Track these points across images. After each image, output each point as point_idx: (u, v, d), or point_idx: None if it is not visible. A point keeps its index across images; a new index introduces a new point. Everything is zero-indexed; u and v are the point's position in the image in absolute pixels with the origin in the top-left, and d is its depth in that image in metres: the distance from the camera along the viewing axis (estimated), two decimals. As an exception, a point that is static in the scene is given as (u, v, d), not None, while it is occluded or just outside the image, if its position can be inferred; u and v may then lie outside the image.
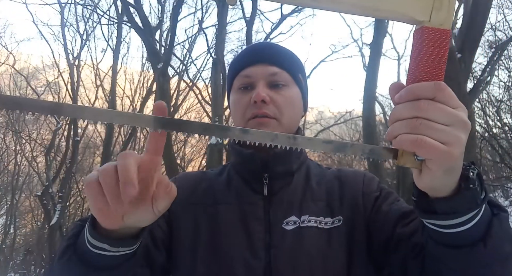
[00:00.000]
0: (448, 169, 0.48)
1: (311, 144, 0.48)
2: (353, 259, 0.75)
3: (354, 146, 0.49)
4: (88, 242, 0.56)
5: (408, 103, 0.47)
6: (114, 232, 0.54)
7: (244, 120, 0.81)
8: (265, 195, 0.79)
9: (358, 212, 0.78)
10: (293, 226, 0.76)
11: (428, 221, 0.56)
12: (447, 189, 0.51)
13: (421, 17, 0.46)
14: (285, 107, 0.81)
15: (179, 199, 0.83)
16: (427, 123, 0.46)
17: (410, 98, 0.47)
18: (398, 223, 0.72)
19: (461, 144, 0.47)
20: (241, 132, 0.47)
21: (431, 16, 0.46)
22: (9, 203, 14.28)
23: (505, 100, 9.05)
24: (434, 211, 0.53)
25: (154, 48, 7.39)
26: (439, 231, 0.55)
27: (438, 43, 0.46)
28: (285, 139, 0.48)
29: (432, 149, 0.46)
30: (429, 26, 0.46)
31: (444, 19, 0.46)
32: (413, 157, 0.48)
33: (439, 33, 0.46)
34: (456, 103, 0.47)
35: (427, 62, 0.46)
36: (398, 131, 0.48)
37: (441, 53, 0.46)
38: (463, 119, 0.47)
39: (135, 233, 0.56)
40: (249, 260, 0.73)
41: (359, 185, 0.82)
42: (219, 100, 7.02)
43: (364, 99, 6.19)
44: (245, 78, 0.83)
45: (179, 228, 0.80)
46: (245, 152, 0.81)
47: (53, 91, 12.98)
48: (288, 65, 0.84)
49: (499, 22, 8.69)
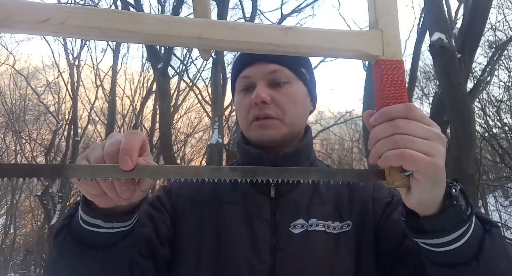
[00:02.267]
0: (435, 180, 0.50)
1: (302, 174, 0.51)
2: (361, 265, 0.73)
3: (342, 172, 0.53)
4: (81, 219, 0.56)
5: (385, 124, 0.50)
6: (107, 209, 0.54)
7: (247, 123, 0.80)
8: (272, 197, 0.77)
9: (368, 217, 0.77)
10: (300, 230, 0.74)
11: (420, 241, 0.57)
12: (434, 205, 0.53)
13: (375, 52, 0.53)
14: (288, 106, 0.78)
15: (186, 196, 0.84)
16: (407, 137, 0.48)
17: (385, 119, 0.50)
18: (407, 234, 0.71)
19: (443, 156, 0.49)
20: (231, 171, 0.49)
21: (383, 51, 0.53)
22: (9, 203, 14.27)
23: (505, 100, 9.05)
24: (424, 230, 0.54)
25: (154, 48, 7.38)
26: (432, 250, 0.56)
27: (395, 71, 0.52)
28: (276, 172, 0.50)
29: (418, 159, 0.47)
30: (384, 58, 0.53)
31: (394, 52, 0.53)
32: (399, 174, 0.50)
33: (394, 63, 0.52)
34: (428, 121, 0.50)
35: (390, 88, 0.52)
36: (381, 150, 0.49)
37: (400, 79, 0.52)
38: (438, 133, 0.50)
39: (129, 209, 0.57)
40: (254, 263, 0.72)
41: (369, 189, 0.80)
42: (219, 100, 7.01)
43: (364, 99, 6.19)
44: (245, 80, 0.81)
45: (184, 226, 0.79)
46: (253, 152, 0.79)
47: (53, 91, 12.99)
48: (289, 60, 0.80)
49: (499, 22, 8.69)
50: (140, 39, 0.49)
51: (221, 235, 0.76)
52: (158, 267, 0.73)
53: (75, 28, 0.46)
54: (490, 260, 0.54)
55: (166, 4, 9.17)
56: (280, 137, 0.78)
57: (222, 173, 0.48)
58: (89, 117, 12.85)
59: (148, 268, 0.71)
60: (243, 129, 0.83)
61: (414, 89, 7.67)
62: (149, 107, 12.33)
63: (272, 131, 0.77)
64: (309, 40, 0.52)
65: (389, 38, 0.53)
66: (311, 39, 0.52)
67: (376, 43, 0.53)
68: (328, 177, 0.51)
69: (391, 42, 0.53)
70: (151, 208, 0.79)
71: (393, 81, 0.52)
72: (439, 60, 3.84)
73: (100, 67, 12.25)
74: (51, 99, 13.03)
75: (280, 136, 0.78)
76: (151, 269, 0.71)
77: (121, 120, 12.56)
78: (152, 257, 0.72)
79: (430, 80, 10.54)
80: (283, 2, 8.39)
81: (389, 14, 0.54)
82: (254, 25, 0.53)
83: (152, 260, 0.72)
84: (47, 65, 13.25)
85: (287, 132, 0.79)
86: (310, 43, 0.52)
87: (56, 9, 0.46)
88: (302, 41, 0.51)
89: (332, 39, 0.52)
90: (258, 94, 0.76)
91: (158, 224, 0.76)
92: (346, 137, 14.18)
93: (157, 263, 0.73)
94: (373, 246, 0.75)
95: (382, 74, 0.52)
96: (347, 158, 14.36)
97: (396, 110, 0.50)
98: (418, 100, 10.67)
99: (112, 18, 0.47)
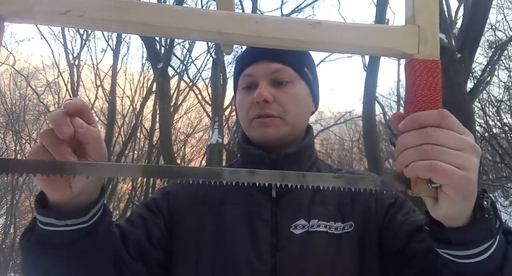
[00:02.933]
0: (466, 194, 0.47)
1: (321, 180, 0.49)
2: (364, 266, 0.72)
3: (365, 178, 0.49)
4: (38, 221, 0.56)
5: (415, 131, 0.47)
6: (64, 207, 0.54)
7: (248, 120, 0.80)
8: (273, 197, 0.77)
9: (371, 218, 0.76)
10: (301, 230, 0.73)
11: (442, 251, 0.54)
12: (463, 218, 0.50)
13: (410, 50, 0.49)
14: (290, 105, 0.78)
15: (183, 197, 0.83)
16: (439, 148, 0.45)
17: (416, 126, 0.47)
18: (414, 237, 0.69)
19: (476, 168, 0.46)
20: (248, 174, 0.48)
21: (419, 49, 0.49)
22: (9, 203, 14.27)
23: (505, 100, 9.05)
24: (449, 241, 0.52)
25: (154, 48, 7.38)
26: (455, 261, 0.53)
27: (430, 72, 0.48)
28: (294, 177, 0.49)
29: (450, 173, 0.44)
30: (419, 57, 0.49)
31: (431, 51, 0.49)
32: (427, 185, 0.47)
33: (429, 63, 0.48)
34: (462, 129, 0.47)
35: (423, 91, 0.48)
36: (410, 159, 0.46)
37: (435, 82, 0.48)
38: (472, 144, 0.47)
39: (83, 206, 0.56)
40: (254, 263, 0.71)
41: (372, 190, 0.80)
42: (219, 100, 7.01)
43: (364, 99, 6.18)
44: (247, 78, 0.81)
45: (182, 228, 0.78)
46: (254, 152, 0.79)
47: (53, 91, 12.99)
48: (292, 60, 0.80)
49: (499, 22, 8.69)
50: (159, 32, 0.48)
51: (221, 235, 0.75)
52: (150, 269, 0.73)
53: (95, 20, 0.46)
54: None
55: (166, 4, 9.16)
56: (280, 136, 0.78)
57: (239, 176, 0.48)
58: (89, 117, 12.83)
59: (139, 270, 0.71)
60: (244, 128, 0.83)
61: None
62: (149, 107, 12.32)
63: (273, 130, 0.77)
64: (338, 36, 0.48)
65: (427, 35, 0.49)
66: (341, 36, 0.48)
67: (411, 40, 0.49)
68: (349, 184, 0.48)
69: (429, 40, 0.49)
70: (146, 210, 0.79)
71: (427, 83, 0.48)
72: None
73: (100, 67, 12.25)
74: (51, 99, 13.02)
75: (281, 135, 0.78)
76: (143, 271, 0.72)
77: (121, 120, 12.56)
78: (143, 260, 0.72)
79: (430, 80, 10.51)
80: (283, 2, 8.40)
81: (428, 8, 0.50)
82: (280, 19, 0.49)
83: (142, 262, 0.72)
84: (47, 65, 13.25)
85: (288, 131, 0.79)
86: (339, 40, 0.48)
87: (76, 0, 0.46)
88: (330, 37, 0.48)
89: (363, 36, 0.49)
90: (260, 93, 0.76)
91: (150, 226, 0.76)
92: (346, 137, 14.18)
93: (148, 265, 0.73)
94: (377, 247, 0.74)
95: (415, 75, 0.48)
96: (347, 158, 14.35)
97: (428, 117, 0.46)
98: (418, 100, 10.65)
99: (130, 10, 0.46)
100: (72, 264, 0.59)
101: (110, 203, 10.61)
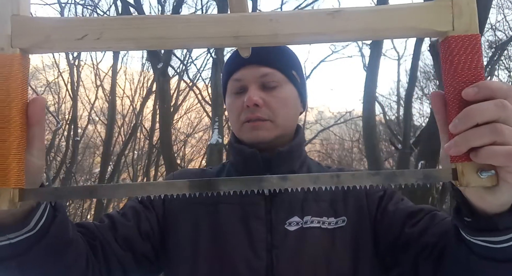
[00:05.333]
0: None
1: (357, 180, 0.45)
2: (359, 260, 0.74)
3: (404, 173, 0.44)
4: None
5: (490, 102, 0.40)
6: (2, 219, 0.49)
7: (239, 124, 0.81)
8: (267, 195, 0.78)
9: (363, 213, 0.78)
10: (296, 227, 0.75)
11: (479, 239, 0.51)
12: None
13: (443, 28, 0.44)
14: (279, 109, 0.80)
15: (179, 197, 0.84)
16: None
17: (487, 94, 0.40)
18: (406, 223, 0.72)
19: None
20: (280, 180, 0.46)
21: (454, 25, 0.44)
22: (9, 203, 14.25)
23: (505, 100, 9.04)
24: (495, 227, 0.48)
25: (154, 48, 7.38)
26: (491, 247, 0.50)
27: (469, 49, 0.43)
28: (328, 179, 0.45)
29: None
30: (454, 34, 0.44)
31: (468, 25, 0.44)
32: (476, 174, 0.42)
33: (467, 39, 0.43)
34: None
35: (462, 71, 0.43)
36: (479, 141, 0.40)
37: (476, 59, 0.43)
38: None
39: (21, 218, 0.50)
40: (251, 260, 0.73)
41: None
42: (219, 100, 7.01)
43: (364, 99, 6.18)
44: (237, 82, 0.82)
45: (177, 228, 0.80)
46: (247, 151, 0.80)
47: (53, 91, 12.99)
48: (280, 63, 0.82)
49: (499, 22, 8.69)
50: (174, 45, 0.47)
51: (217, 234, 0.77)
52: (138, 259, 0.76)
53: (111, 41, 0.45)
54: None
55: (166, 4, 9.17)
56: (272, 138, 0.80)
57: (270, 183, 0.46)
58: (89, 117, 12.85)
59: (127, 259, 0.74)
60: (234, 131, 0.85)
61: (414, 89, 7.66)
62: (149, 107, 12.32)
63: (264, 133, 0.79)
64: (360, 23, 0.45)
65: (461, 7, 0.44)
66: (363, 22, 0.45)
67: (444, 16, 0.44)
68: (388, 180, 0.44)
69: (464, 12, 0.44)
70: (139, 204, 0.81)
71: (466, 61, 0.43)
72: (439, 60, 3.84)
73: (100, 67, 12.25)
74: (51, 99, 13.02)
75: (272, 137, 0.80)
76: (131, 260, 0.75)
77: (121, 120, 12.56)
78: (130, 249, 0.74)
79: (430, 80, 10.54)
80: (283, 2, 8.38)
81: None
82: (295, 13, 0.46)
83: (130, 252, 0.75)
84: (47, 65, 13.24)
85: (279, 134, 0.81)
86: (362, 26, 0.45)
87: (91, 23, 0.45)
88: (352, 25, 0.45)
89: (387, 18, 0.45)
90: (250, 97, 0.77)
91: (141, 219, 0.78)
92: (346, 137, 14.18)
93: (136, 255, 0.76)
94: (371, 241, 0.76)
95: (452, 54, 0.43)
96: (347, 158, 14.36)
97: (499, 87, 0.40)
98: (418, 100, 10.69)
99: (143, 25, 0.45)
100: (28, 271, 0.55)
101: (110, 203, 10.60)
